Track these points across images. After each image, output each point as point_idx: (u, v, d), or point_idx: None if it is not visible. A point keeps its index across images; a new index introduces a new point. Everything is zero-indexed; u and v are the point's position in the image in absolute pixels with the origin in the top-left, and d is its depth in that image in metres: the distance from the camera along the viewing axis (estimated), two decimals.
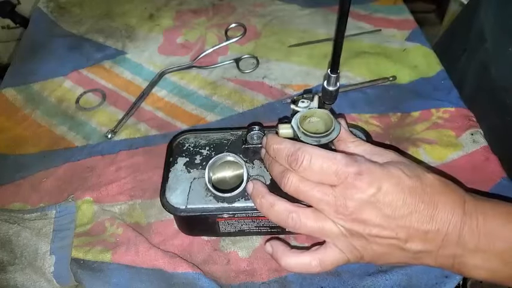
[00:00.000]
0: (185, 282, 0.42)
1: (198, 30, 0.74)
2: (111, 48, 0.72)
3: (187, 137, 0.48)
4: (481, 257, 0.32)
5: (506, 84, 0.55)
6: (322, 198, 0.34)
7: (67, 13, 0.80)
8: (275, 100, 0.61)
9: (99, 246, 0.45)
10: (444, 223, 0.32)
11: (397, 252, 0.33)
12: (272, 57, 0.68)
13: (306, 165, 0.34)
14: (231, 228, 0.44)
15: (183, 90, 0.64)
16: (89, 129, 0.59)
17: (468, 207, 0.32)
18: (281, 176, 0.36)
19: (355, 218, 0.33)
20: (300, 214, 0.35)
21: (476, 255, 0.32)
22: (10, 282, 0.43)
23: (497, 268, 0.32)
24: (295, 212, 0.35)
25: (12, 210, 0.49)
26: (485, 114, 0.57)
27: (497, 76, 0.57)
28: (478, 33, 0.62)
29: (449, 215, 0.32)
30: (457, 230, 0.31)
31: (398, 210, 0.32)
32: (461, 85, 0.62)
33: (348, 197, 0.32)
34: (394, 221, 0.32)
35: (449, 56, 0.68)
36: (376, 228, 0.32)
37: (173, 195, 0.42)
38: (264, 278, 0.43)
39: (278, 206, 0.36)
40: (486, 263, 0.32)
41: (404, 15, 0.75)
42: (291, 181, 0.35)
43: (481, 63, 0.61)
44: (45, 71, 0.68)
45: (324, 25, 0.73)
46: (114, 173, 0.53)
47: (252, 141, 0.44)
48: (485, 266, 0.32)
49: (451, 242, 0.32)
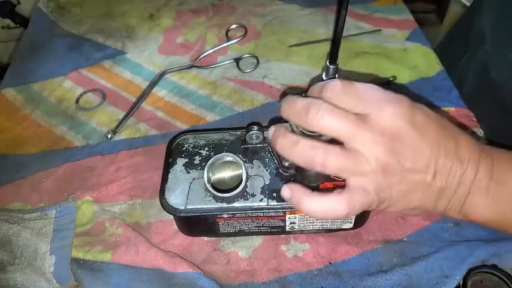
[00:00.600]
0: (185, 282, 0.42)
1: (198, 30, 0.74)
2: (111, 48, 0.72)
3: (186, 137, 0.48)
4: (492, 196, 0.32)
5: (506, 86, 0.55)
6: (358, 126, 0.31)
7: (67, 13, 0.80)
8: (275, 100, 0.61)
9: (99, 246, 0.45)
10: (465, 158, 0.32)
11: (422, 191, 0.32)
12: (272, 57, 0.68)
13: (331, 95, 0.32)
14: (231, 229, 0.44)
15: (183, 90, 0.64)
16: (89, 129, 0.59)
17: (484, 146, 0.33)
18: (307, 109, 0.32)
19: (392, 147, 0.31)
20: (329, 150, 0.31)
21: (488, 194, 0.32)
22: (10, 282, 0.43)
23: (506, 208, 0.32)
24: (323, 148, 0.31)
25: (12, 210, 0.49)
26: (486, 114, 0.57)
27: (497, 78, 0.57)
28: (479, 35, 0.62)
29: (468, 151, 0.32)
30: (475, 167, 0.32)
31: (430, 141, 0.31)
32: (461, 85, 0.62)
33: (386, 121, 0.31)
34: (426, 152, 0.31)
35: (450, 56, 0.68)
36: (410, 161, 0.31)
37: (172, 195, 0.42)
38: (264, 278, 0.43)
39: (303, 143, 0.32)
40: (496, 202, 0.32)
41: (404, 15, 0.75)
42: (321, 110, 0.31)
43: (481, 65, 0.61)
44: (45, 71, 0.68)
45: (324, 25, 0.73)
46: (114, 173, 0.53)
47: (251, 141, 0.44)
48: (495, 206, 0.32)
49: (468, 178, 0.32)
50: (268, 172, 0.43)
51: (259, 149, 0.45)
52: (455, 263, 0.42)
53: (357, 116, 0.31)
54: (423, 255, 0.43)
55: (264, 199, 0.41)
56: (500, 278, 0.40)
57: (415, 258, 0.43)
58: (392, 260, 0.43)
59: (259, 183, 0.42)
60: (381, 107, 0.31)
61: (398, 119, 0.31)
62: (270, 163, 0.44)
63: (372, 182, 0.32)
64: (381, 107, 0.31)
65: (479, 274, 0.41)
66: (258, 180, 0.43)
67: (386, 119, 0.31)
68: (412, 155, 0.31)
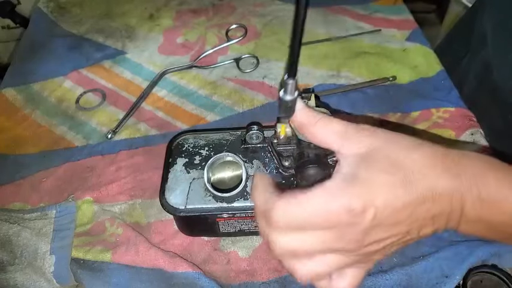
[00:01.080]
0: (185, 282, 0.42)
1: (198, 30, 0.74)
2: (111, 48, 0.72)
3: (186, 137, 0.48)
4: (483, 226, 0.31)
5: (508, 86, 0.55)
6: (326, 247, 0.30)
7: (67, 13, 0.80)
8: (275, 100, 0.61)
9: (99, 246, 0.45)
10: (446, 202, 0.30)
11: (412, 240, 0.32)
12: (272, 57, 0.68)
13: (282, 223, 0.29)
14: (231, 228, 0.44)
15: (183, 90, 0.64)
16: (89, 129, 0.59)
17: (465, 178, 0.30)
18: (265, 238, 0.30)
19: (365, 247, 0.30)
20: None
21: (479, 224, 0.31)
22: (10, 282, 0.43)
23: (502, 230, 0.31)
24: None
25: (12, 210, 0.49)
26: (486, 114, 0.57)
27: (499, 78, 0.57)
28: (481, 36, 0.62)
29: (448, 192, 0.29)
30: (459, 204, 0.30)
31: (401, 213, 0.30)
32: (462, 85, 0.62)
33: (350, 235, 0.29)
34: (402, 224, 0.30)
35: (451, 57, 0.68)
36: (389, 239, 0.31)
37: (172, 195, 0.42)
38: (264, 277, 0.43)
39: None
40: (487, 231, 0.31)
41: (404, 15, 0.75)
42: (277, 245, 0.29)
43: (483, 65, 0.61)
44: (45, 71, 0.68)
45: (324, 25, 0.73)
46: (114, 172, 0.53)
47: (251, 141, 0.44)
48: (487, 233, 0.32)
49: (455, 215, 0.30)
50: (268, 172, 0.43)
51: (259, 149, 0.45)
52: (455, 263, 0.42)
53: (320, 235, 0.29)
54: (423, 255, 0.43)
55: None
56: (500, 278, 0.40)
57: (415, 258, 0.43)
58: (392, 260, 0.43)
59: None
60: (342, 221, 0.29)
61: (360, 225, 0.29)
62: (270, 163, 0.44)
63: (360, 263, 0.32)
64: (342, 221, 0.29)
65: (479, 274, 0.41)
66: None
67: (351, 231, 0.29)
68: (389, 235, 0.30)
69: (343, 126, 0.32)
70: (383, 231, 0.30)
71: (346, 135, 0.31)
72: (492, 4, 0.62)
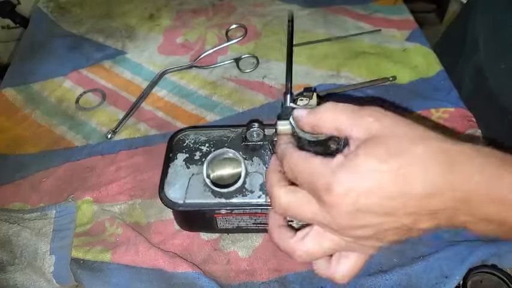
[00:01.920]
0: (185, 282, 0.42)
1: (198, 30, 0.74)
2: (111, 48, 0.72)
3: (187, 133, 0.48)
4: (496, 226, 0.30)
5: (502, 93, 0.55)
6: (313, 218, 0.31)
7: (67, 13, 0.80)
8: (275, 100, 0.61)
9: (99, 246, 0.45)
10: (448, 199, 0.28)
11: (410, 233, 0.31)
12: (272, 57, 0.68)
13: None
14: (229, 225, 0.44)
15: (183, 90, 0.64)
16: (89, 129, 0.59)
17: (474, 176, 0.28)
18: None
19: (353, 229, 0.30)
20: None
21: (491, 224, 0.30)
22: (10, 282, 0.43)
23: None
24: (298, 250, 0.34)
25: (12, 210, 0.49)
26: (483, 115, 0.57)
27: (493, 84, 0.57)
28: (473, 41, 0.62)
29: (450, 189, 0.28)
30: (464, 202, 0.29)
31: (391, 203, 0.29)
32: (460, 86, 0.62)
33: (334, 216, 0.30)
34: (394, 214, 0.29)
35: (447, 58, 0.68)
36: (380, 226, 0.30)
37: (171, 190, 0.43)
38: (264, 277, 0.43)
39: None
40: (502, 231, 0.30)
41: (404, 15, 0.75)
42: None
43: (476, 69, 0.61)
44: (45, 71, 0.68)
45: (324, 25, 0.73)
46: (114, 172, 0.53)
47: (252, 138, 0.44)
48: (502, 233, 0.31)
49: (459, 213, 0.29)
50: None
51: (260, 147, 0.45)
52: (455, 263, 0.42)
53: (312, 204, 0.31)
54: (423, 255, 0.43)
55: (263, 196, 0.41)
56: (500, 278, 0.40)
57: (415, 258, 0.43)
58: (392, 260, 0.43)
59: (258, 180, 0.42)
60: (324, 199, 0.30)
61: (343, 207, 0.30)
62: (269, 160, 0.44)
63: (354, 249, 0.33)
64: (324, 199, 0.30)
65: (479, 274, 0.41)
66: (257, 177, 0.43)
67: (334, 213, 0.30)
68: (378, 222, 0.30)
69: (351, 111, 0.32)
70: (371, 217, 0.30)
71: (355, 120, 0.31)
72: (483, 10, 0.62)
